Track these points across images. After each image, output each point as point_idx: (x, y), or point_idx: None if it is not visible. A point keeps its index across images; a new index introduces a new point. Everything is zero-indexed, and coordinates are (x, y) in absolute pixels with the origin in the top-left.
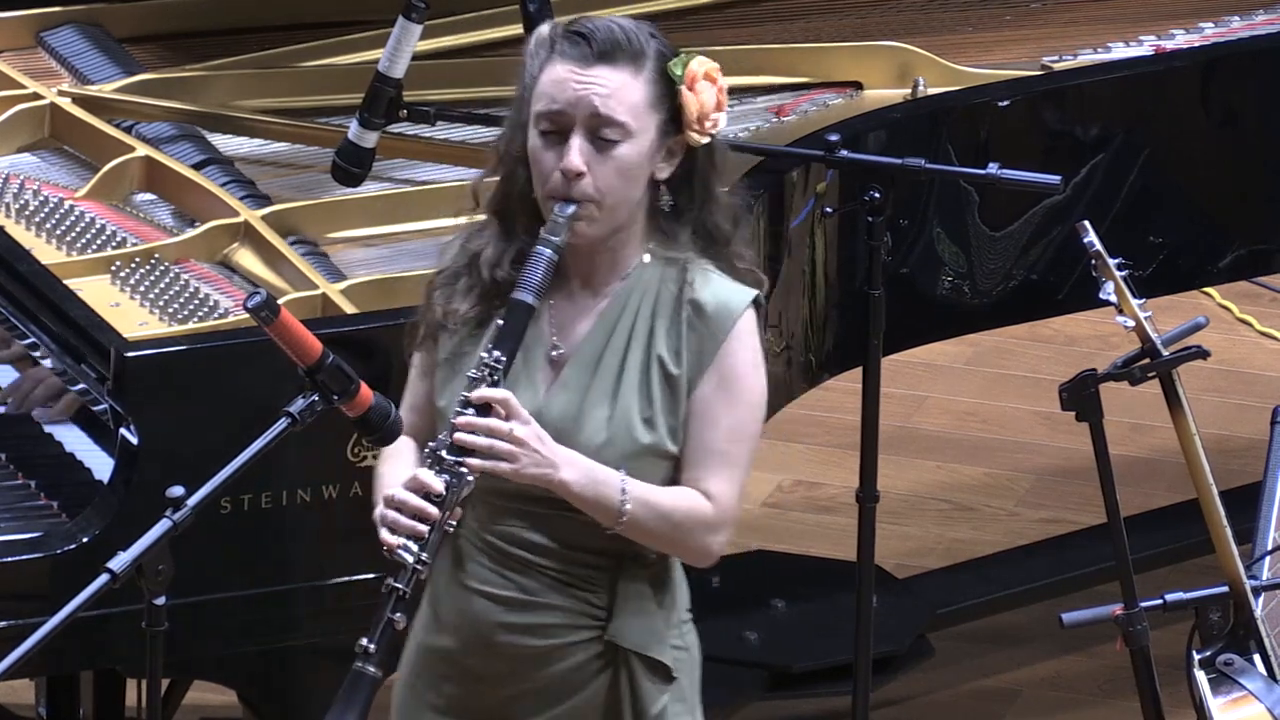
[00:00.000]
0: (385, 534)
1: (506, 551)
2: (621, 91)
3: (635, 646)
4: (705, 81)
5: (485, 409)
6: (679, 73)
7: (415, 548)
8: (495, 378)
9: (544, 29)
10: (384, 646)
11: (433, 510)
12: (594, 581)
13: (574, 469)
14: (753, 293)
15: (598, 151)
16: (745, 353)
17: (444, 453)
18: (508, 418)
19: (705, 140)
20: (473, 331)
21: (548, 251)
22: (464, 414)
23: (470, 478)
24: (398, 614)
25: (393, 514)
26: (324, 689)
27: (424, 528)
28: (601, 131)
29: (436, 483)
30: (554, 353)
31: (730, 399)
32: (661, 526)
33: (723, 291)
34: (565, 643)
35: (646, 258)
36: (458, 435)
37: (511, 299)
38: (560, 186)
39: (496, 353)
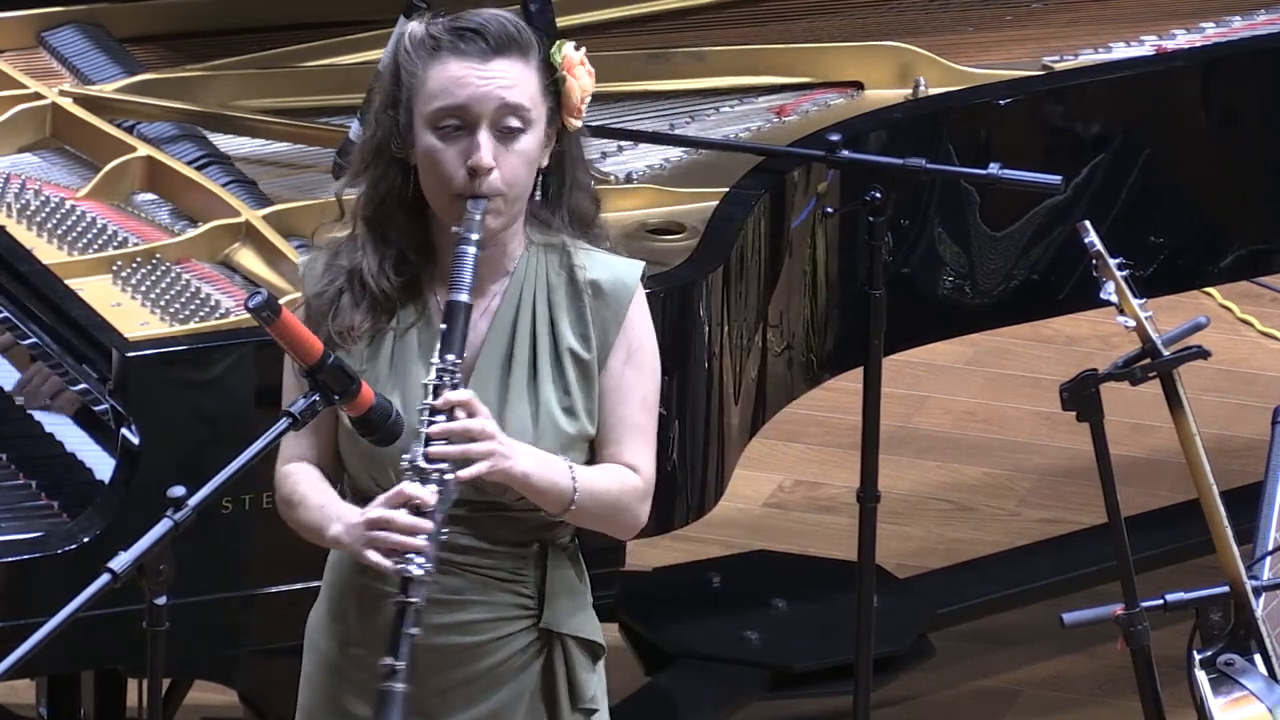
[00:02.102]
0: (377, 557)
1: None
2: (521, 82)
3: (572, 630)
4: (580, 67)
5: (448, 414)
6: (559, 59)
7: (420, 560)
8: (454, 381)
9: (416, 28)
10: (409, 661)
11: (426, 524)
12: (521, 573)
13: (530, 458)
14: (640, 264)
15: (502, 144)
16: (645, 323)
17: (422, 463)
18: (471, 417)
19: (578, 124)
20: (369, 344)
21: (471, 249)
22: (435, 421)
23: (454, 483)
24: (415, 628)
25: (382, 534)
26: None
27: (423, 542)
28: (506, 123)
29: (426, 494)
30: None
31: (639, 371)
32: (603, 508)
33: (614, 267)
34: (495, 637)
35: (529, 248)
36: (433, 449)
37: (449, 302)
38: (467, 184)
39: (450, 356)
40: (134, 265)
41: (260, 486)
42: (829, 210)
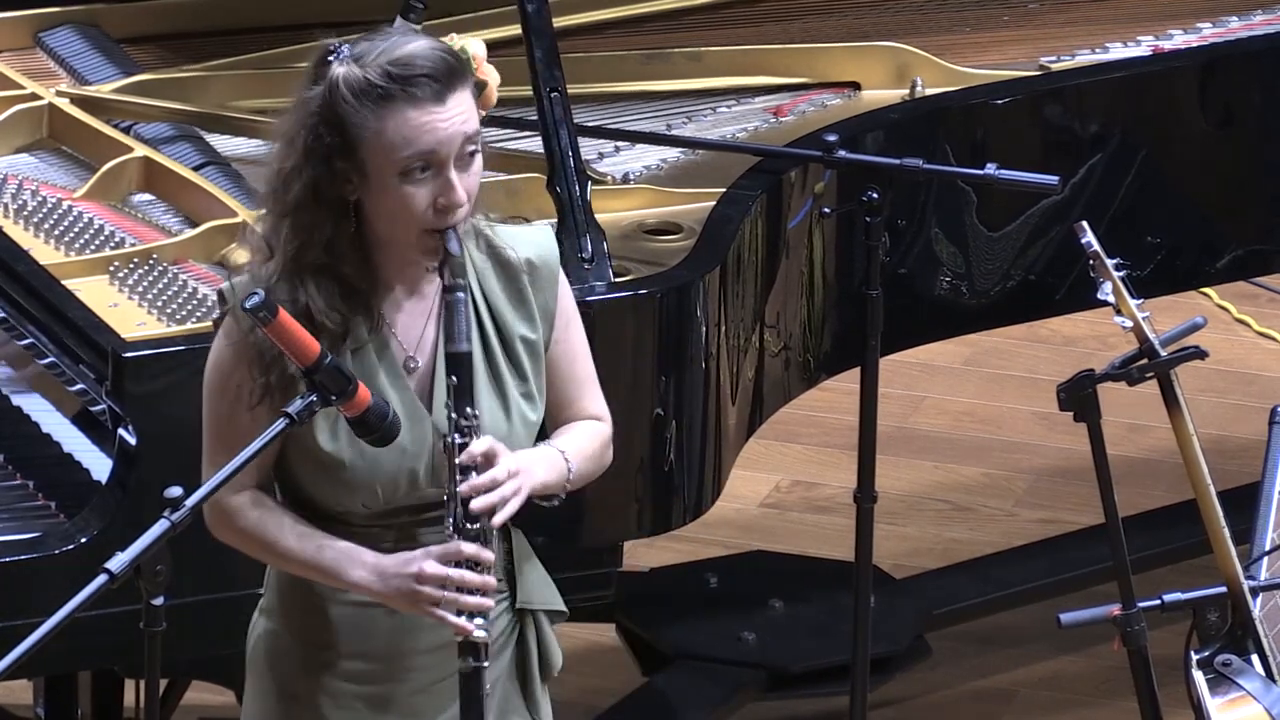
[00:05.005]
0: (446, 615)
1: None
2: (470, 108)
3: (544, 604)
4: (487, 64)
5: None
6: (472, 64)
7: (481, 620)
8: (472, 435)
9: (349, 74)
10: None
11: (491, 580)
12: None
13: (540, 465)
14: (547, 226)
15: (462, 171)
16: (567, 283)
17: (466, 524)
18: (490, 463)
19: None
20: None
21: (463, 295)
22: (465, 480)
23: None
24: (487, 688)
25: (452, 596)
26: None
27: (490, 602)
28: (465, 151)
29: (486, 552)
30: (410, 365)
31: (576, 328)
32: (590, 470)
33: (534, 239)
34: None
35: None
36: (476, 503)
37: (451, 353)
38: (438, 219)
39: (469, 410)
40: (131, 266)
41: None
42: (826, 211)
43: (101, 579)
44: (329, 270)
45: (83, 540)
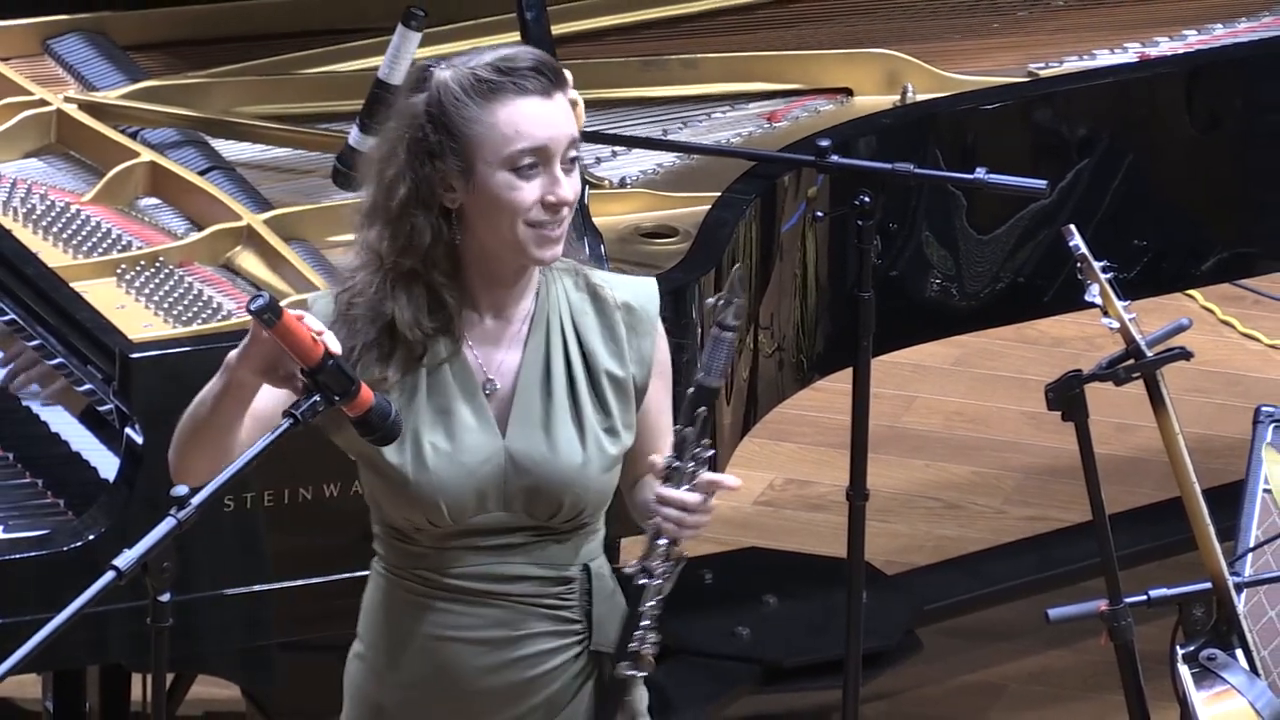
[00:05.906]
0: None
1: (478, 590)
2: (571, 115)
3: None
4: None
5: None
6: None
7: (654, 636)
8: (705, 467)
9: (455, 75)
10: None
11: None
12: (567, 598)
13: None
14: (654, 280)
15: (566, 175)
16: (665, 339)
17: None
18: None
19: None
20: (403, 392)
21: (730, 335)
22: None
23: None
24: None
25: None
26: (325, 684)
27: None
28: (570, 155)
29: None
30: (489, 388)
31: (668, 383)
32: None
33: (635, 287)
34: (551, 667)
35: (545, 272)
36: (667, 526)
37: (701, 385)
38: (543, 215)
39: (706, 441)
40: (138, 268)
41: (262, 484)
42: (819, 214)
43: (109, 576)
44: (421, 279)
45: (90, 537)
